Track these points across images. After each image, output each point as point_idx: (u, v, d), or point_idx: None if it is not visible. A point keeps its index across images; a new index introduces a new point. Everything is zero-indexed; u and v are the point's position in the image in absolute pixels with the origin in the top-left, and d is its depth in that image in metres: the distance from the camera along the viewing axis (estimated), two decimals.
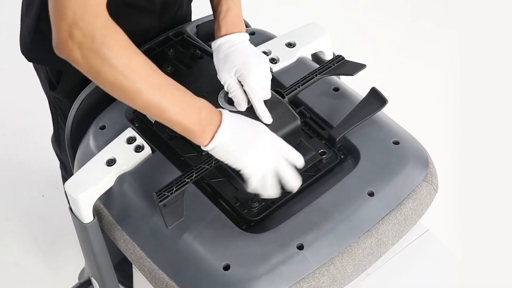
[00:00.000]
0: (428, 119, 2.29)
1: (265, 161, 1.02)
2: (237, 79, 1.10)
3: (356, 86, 1.29)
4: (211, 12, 1.36)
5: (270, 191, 1.04)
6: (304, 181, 1.13)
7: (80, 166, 1.16)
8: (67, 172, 1.64)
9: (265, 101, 1.12)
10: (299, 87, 1.18)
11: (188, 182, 1.04)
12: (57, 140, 1.53)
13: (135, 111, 1.25)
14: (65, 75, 1.29)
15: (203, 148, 1.02)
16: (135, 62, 0.95)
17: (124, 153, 1.14)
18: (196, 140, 1.01)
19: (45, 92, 1.40)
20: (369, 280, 1.17)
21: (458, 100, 2.32)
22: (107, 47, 0.92)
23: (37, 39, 1.23)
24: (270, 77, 1.13)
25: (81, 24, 0.91)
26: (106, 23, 0.93)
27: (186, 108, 0.99)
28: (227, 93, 1.13)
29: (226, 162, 1.03)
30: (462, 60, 2.43)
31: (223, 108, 1.08)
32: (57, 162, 1.65)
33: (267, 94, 1.11)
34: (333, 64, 1.22)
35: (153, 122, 1.22)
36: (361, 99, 1.20)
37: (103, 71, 0.94)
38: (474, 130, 2.22)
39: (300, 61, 1.30)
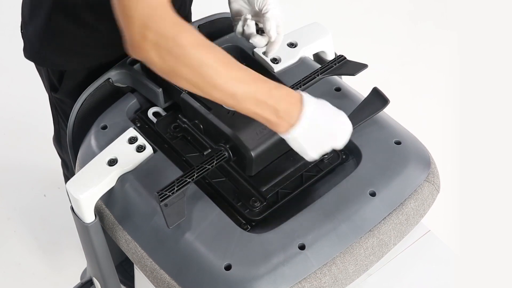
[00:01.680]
0: (430, 120, 2.28)
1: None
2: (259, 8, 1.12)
3: (358, 86, 1.29)
4: (211, 13, 1.37)
5: None
6: (305, 181, 1.13)
7: (81, 166, 1.16)
8: (69, 171, 1.64)
9: None
10: (300, 87, 1.18)
11: (189, 182, 1.04)
12: (58, 141, 1.53)
13: (137, 111, 1.25)
14: (67, 76, 1.29)
15: (283, 136, 1.02)
16: (208, 58, 0.96)
17: (126, 153, 1.14)
18: (273, 129, 1.02)
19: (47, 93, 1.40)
20: (370, 280, 1.17)
21: (460, 101, 2.31)
22: (179, 46, 0.93)
23: (46, 42, 1.23)
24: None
25: (151, 25, 0.92)
26: (175, 22, 0.94)
27: (261, 100, 0.98)
28: None
29: (295, 150, 1.04)
30: (464, 61, 2.42)
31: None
32: (59, 162, 1.65)
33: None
34: (335, 64, 1.22)
35: (154, 122, 1.22)
36: (363, 99, 1.20)
37: (178, 69, 0.94)
38: (475, 131, 2.21)
39: (302, 61, 1.30)
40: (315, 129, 1.02)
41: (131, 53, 0.96)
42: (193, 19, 1.37)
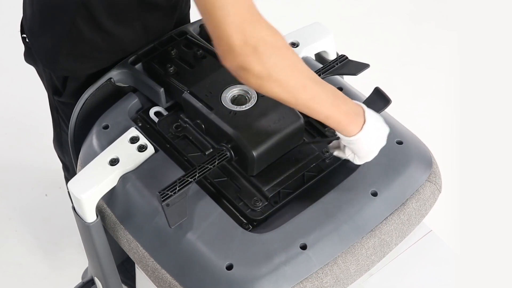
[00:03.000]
0: (431, 120, 2.28)
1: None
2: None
3: (359, 86, 1.29)
4: None
5: None
6: (307, 181, 1.13)
7: (83, 166, 1.16)
8: (69, 174, 1.64)
9: (268, 101, 1.12)
10: None
11: (191, 182, 1.04)
12: (59, 144, 1.53)
13: (139, 110, 1.25)
14: (71, 79, 1.29)
15: (348, 138, 1.04)
16: (298, 57, 0.98)
17: (127, 152, 1.14)
18: (340, 130, 1.04)
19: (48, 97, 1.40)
20: (372, 280, 1.17)
21: (461, 101, 2.31)
22: (277, 47, 0.94)
23: (65, 49, 1.22)
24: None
25: (250, 30, 0.92)
26: (268, 24, 0.94)
27: (336, 103, 1.01)
28: (230, 93, 1.14)
29: (355, 152, 1.08)
30: (465, 61, 2.42)
31: None
32: (60, 162, 1.65)
33: None
34: (337, 64, 1.22)
35: (156, 121, 1.22)
36: (365, 99, 1.20)
37: (274, 72, 0.94)
38: (476, 131, 2.22)
39: (304, 61, 1.30)
40: (376, 131, 1.06)
41: (229, 62, 0.95)
42: (194, 19, 1.37)
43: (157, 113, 1.24)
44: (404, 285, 1.19)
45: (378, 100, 1.18)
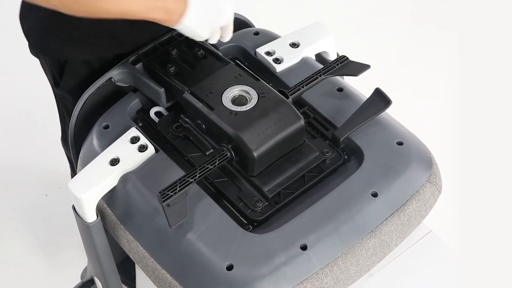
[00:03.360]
0: (431, 120, 2.28)
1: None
2: None
3: (360, 87, 1.29)
4: None
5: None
6: (307, 181, 1.13)
7: (83, 166, 1.16)
8: (73, 171, 1.64)
9: (269, 102, 1.12)
10: (303, 87, 1.18)
11: (191, 182, 1.04)
12: (64, 139, 1.53)
13: (139, 110, 1.25)
14: (67, 71, 1.29)
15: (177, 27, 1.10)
16: None
17: (128, 152, 1.14)
18: (166, 25, 1.10)
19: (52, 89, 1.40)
20: (372, 281, 1.17)
21: (461, 101, 2.31)
22: None
23: (50, 29, 1.23)
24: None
25: None
26: None
27: (151, 6, 1.05)
28: (231, 93, 1.14)
29: (188, 36, 1.14)
30: (465, 62, 2.42)
31: None
32: (60, 162, 1.65)
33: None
34: (337, 65, 1.22)
35: (156, 122, 1.22)
36: (365, 99, 1.20)
37: None
38: (477, 131, 2.21)
39: (304, 61, 1.30)
40: (203, 12, 1.09)
41: None
42: None
43: (157, 113, 1.24)
44: (404, 285, 1.19)
45: (378, 101, 1.18)
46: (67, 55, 1.27)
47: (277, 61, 1.28)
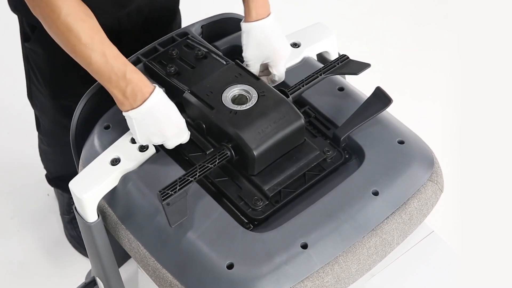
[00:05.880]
0: (432, 120, 2.28)
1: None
2: (267, 63, 1.24)
3: (361, 86, 1.29)
4: (214, 13, 1.37)
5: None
6: (308, 180, 1.13)
7: (84, 166, 1.16)
8: (40, 130, 1.68)
9: (269, 101, 1.12)
10: (303, 86, 1.18)
11: (191, 181, 1.04)
12: (29, 96, 1.57)
13: None
14: (38, 28, 1.32)
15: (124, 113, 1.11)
16: (78, 24, 1.05)
17: (129, 152, 1.14)
18: (117, 104, 1.11)
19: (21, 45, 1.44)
20: (374, 281, 1.17)
21: (462, 101, 2.31)
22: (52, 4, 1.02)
23: None
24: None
25: None
26: None
27: (114, 79, 1.07)
28: (231, 92, 1.14)
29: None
30: (467, 62, 2.42)
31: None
32: None
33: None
34: (338, 63, 1.22)
35: None
36: (366, 98, 1.20)
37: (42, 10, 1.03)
38: (478, 131, 2.21)
39: (305, 61, 1.30)
40: (150, 120, 1.09)
41: None
42: (197, 19, 1.37)
43: None
44: (405, 286, 1.19)
45: (379, 100, 1.18)
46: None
47: None
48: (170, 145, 1.13)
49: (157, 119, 1.09)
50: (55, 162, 1.82)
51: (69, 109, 1.27)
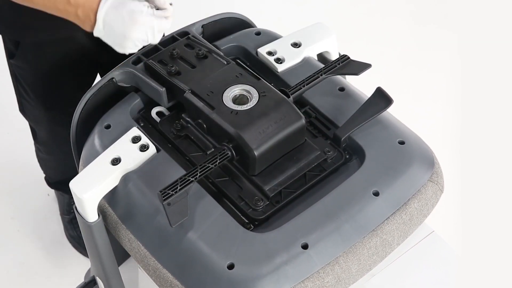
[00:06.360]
0: (433, 120, 2.28)
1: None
2: None
3: (361, 86, 1.29)
4: (215, 13, 1.37)
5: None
6: (309, 180, 1.13)
7: (85, 165, 1.16)
8: (37, 140, 1.68)
9: (270, 101, 1.12)
10: (304, 86, 1.18)
11: (192, 181, 1.04)
12: (22, 110, 1.59)
13: (140, 110, 1.25)
14: (22, 44, 1.33)
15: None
16: None
17: (129, 152, 1.14)
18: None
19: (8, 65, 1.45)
20: (374, 281, 1.17)
21: (463, 102, 2.31)
22: None
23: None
24: None
25: None
26: None
27: (62, 9, 1.12)
28: (232, 92, 1.14)
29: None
30: (467, 63, 2.42)
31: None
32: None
33: None
34: (339, 64, 1.22)
35: (158, 121, 1.23)
36: (367, 99, 1.20)
37: None
38: (478, 131, 2.22)
39: (306, 61, 1.30)
40: (111, 32, 1.14)
41: None
42: (198, 18, 1.37)
43: (159, 113, 1.24)
44: (406, 286, 1.19)
45: (380, 100, 1.18)
46: (19, 37, 1.33)
47: (279, 61, 1.28)
48: (154, 39, 1.16)
49: (116, 30, 1.13)
50: (55, 169, 1.83)
51: (64, 119, 1.27)
